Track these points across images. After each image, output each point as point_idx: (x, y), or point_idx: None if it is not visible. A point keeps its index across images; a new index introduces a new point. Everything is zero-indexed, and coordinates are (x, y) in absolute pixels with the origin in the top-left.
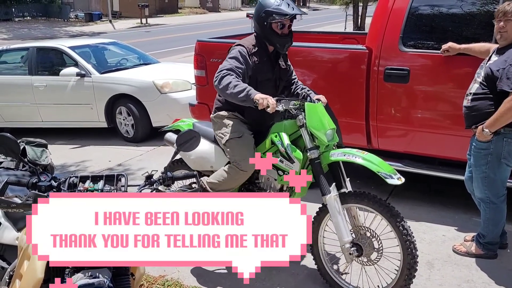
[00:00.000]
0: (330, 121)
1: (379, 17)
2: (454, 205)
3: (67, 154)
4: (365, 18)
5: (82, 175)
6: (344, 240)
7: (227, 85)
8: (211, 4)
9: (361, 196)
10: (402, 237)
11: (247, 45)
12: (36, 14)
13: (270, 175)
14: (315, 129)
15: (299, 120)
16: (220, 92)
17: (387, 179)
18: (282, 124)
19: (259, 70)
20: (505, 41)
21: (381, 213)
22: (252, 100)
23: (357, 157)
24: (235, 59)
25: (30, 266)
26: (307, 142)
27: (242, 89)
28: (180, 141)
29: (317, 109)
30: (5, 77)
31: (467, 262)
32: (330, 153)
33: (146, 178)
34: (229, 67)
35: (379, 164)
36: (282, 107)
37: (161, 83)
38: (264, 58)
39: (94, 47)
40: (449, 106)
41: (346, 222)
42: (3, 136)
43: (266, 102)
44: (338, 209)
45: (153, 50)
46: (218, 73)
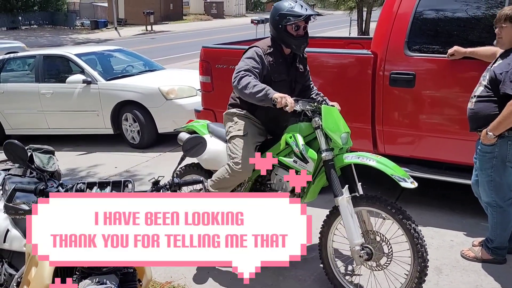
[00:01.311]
0: (345, 125)
1: (384, 22)
2: (462, 210)
3: (74, 161)
4: (369, 23)
5: (89, 182)
6: (355, 242)
7: (246, 85)
8: (215, 10)
9: (373, 199)
10: (414, 240)
11: (262, 46)
12: (42, 22)
13: (282, 177)
14: (331, 130)
15: (315, 121)
16: (238, 92)
17: (401, 182)
18: (297, 125)
19: (273, 70)
20: (502, 46)
21: (392, 216)
22: (270, 99)
23: (371, 160)
24: (252, 59)
25: (38, 273)
26: (322, 144)
27: (261, 89)
28: (187, 147)
29: (333, 112)
30: (12, 84)
31: (475, 267)
32: (344, 156)
33: (152, 184)
34: (247, 68)
35: (393, 167)
36: (300, 107)
37: (166, 90)
38: (280, 59)
39: (100, 54)
40: (456, 110)
41: (358, 225)
42: (11, 143)
43: (284, 101)
44: (350, 210)
45: (159, 56)
46: (237, 74)
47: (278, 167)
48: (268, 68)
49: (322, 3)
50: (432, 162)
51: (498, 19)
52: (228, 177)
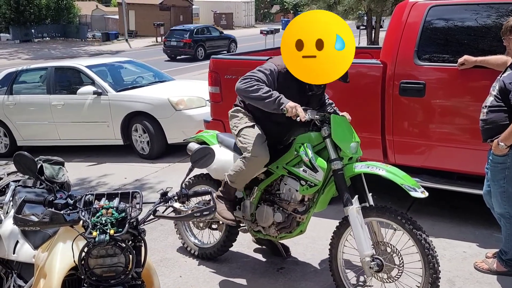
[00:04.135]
0: (355, 134)
1: (393, 31)
2: (475, 221)
3: (84, 172)
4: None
5: (98, 193)
6: (365, 253)
7: (253, 85)
8: (225, 21)
9: (382, 210)
10: (424, 251)
11: (280, 65)
12: (54, 35)
13: (292, 186)
14: (340, 140)
15: (324, 131)
16: (242, 91)
17: (411, 192)
18: (307, 135)
19: (284, 94)
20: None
21: (402, 227)
22: (279, 105)
23: (381, 169)
24: (264, 74)
25: (47, 284)
26: (331, 153)
27: (272, 93)
28: (195, 158)
29: (343, 122)
30: (24, 96)
31: (489, 280)
32: (353, 165)
33: (161, 195)
34: (257, 78)
35: (403, 177)
36: (309, 116)
37: (176, 100)
38: (293, 82)
39: (110, 66)
40: (467, 119)
41: (368, 236)
42: (21, 154)
43: (295, 111)
44: (360, 221)
45: (168, 67)
46: (245, 78)
47: (288, 176)
48: (278, 90)
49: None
50: (443, 172)
51: (504, 31)
52: (245, 168)
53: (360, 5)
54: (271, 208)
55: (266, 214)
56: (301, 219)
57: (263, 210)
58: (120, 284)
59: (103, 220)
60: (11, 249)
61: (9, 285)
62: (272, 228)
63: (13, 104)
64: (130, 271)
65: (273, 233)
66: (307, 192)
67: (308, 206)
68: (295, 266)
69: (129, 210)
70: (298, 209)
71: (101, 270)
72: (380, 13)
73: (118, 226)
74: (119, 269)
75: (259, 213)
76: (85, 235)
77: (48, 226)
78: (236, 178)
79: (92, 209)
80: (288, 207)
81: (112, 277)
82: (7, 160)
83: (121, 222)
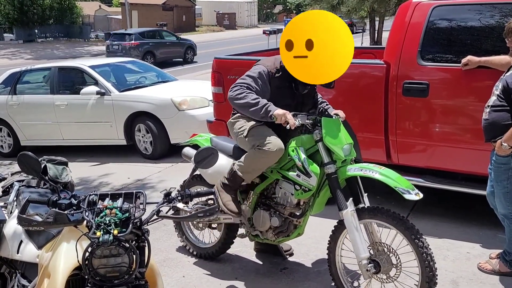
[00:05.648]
0: (347, 136)
1: (396, 31)
2: (478, 221)
3: (87, 172)
4: (382, 33)
5: (101, 193)
6: (361, 257)
7: (241, 93)
8: (228, 21)
9: (374, 211)
10: (418, 249)
11: (270, 67)
12: (58, 35)
13: (287, 190)
14: (332, 143)
15: (316, 134)
16: (233, 100)
17: (405, 195)
18: (299, 138)
19: (278, 95)
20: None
21: (395, 226)
22: (267, 113)
23: (374, 172)
24: (253, 79)
25: (51, 284)
26: (323, 157)
27: (259, 101)
28: (198, 158)
29: (334, 124)
30: (28, 96)
31: (493, 281)
32: (347, 168)
33: (164, 196)
34: (246, 85)
35: (397, 179)
36: (299, 122)
37: (179, 100)
38: (286, 83)
39: (113, 66)
40: (470, 119)
41: (363, 238)
42: (25, 154)
43: (284, 119)
44: (355, 224)
45: (171, 67)
46: (234, 86)
47: (283, 180)
48: (272, 92)
49: (333, 13)
50: (447, 173)
51: (506, 32)
52: (261, 159)
53: (363, 6)
54: (267, 212)
55: (263, 219)
56: (298, 222)
57: (259, 215)
58: (124, 284)
59: (107, 220)
60: (15, 248)
61: (13, 284)
62: (269, 232)
63: (16, 104)
64: (134, 271)
65: (271, 237)
66: (302, 196)
67: (304, 210)
68: (298, 266)
69: (133, 210)
70: (295, 213)
71: (105, 270)
72: (383, 13)
73: (122, 226)
74: (123, 269)
75: (256, 218)
76: (89, 235)
77: (52, 226)
78: (248, 168)
79: (96, 209)
80: (284, 211)
81: (115, 277)
82: (11, 160)
83: (125, 222)
